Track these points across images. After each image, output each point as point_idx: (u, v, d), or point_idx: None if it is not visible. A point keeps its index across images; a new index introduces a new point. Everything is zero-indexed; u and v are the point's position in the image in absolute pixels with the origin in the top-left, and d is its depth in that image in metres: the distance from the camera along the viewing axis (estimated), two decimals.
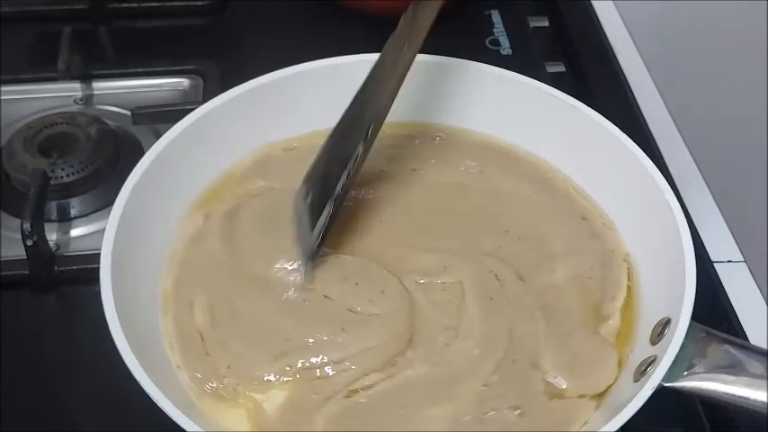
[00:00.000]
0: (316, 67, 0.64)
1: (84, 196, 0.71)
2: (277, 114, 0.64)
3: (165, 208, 0.59)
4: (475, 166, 0.64)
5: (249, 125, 0.63)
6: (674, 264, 0.54)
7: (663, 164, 0.74)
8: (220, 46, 0.87)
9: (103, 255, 0.54)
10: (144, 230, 0.57)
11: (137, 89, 0.82)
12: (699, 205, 0.75)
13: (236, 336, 0.55)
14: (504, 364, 0.54)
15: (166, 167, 0.59)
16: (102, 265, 0.53)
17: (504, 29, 0.88)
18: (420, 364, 0.54)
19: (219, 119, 0.62)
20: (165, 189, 0.59)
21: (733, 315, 0.66)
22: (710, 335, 0.51)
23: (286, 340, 0.54)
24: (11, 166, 0.72)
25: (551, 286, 0.58)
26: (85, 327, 0.65)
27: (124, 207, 0.56)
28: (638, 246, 0.59)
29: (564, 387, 0.53)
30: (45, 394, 0.61)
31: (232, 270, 0.58)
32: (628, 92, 0.84)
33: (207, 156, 0.62)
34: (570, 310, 0.56)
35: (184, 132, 0.60)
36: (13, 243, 0.67)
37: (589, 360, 0.54)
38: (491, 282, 0.57)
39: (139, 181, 0.57)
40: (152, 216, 0.58)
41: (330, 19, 0.89)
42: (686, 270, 0.53)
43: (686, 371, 0.49)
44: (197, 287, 0.57)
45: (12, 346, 0.63)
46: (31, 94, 0.81)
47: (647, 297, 0.57)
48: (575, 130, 0.63)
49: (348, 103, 0.57)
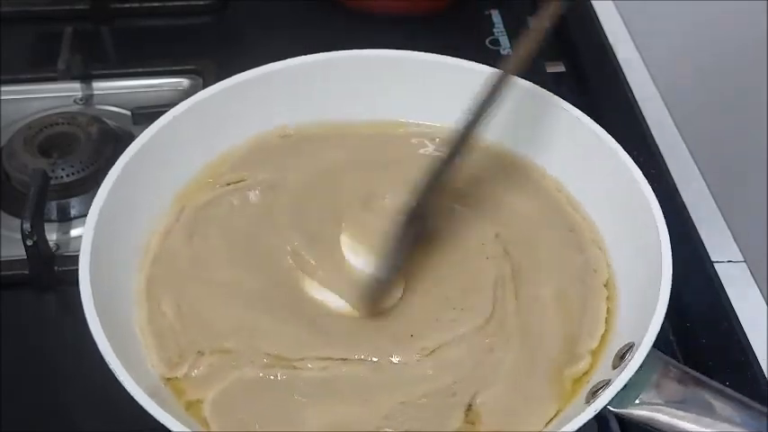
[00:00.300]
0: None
1: (84, 196, 0.71)
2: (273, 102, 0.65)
3: (157, 187, 0.61)
4: (470, 168, 0.63)
5: (244, 111, 0.64)
6: (649, 288, 0.53)
7: (663, 164, 0.74)
8: (220, 46, 0.87)
9: (84, 243, 0.54)
10: (128, 217, 0.59)
11: (137, 89, 0.82)
12: (699, 205, 0.75)
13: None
14: (440, 393, 0.53)
15: (156, 153, 0.60)
16: (81, 255, 0.54)
17: (504, 29, 0.88)
18: (358, 367, 0.54)
19: (214, 104, 0.63)
20: (152, 175, 0.60)
21: (733, 315, 0.66)
22: (671, 366, 0.50)
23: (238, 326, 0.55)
24: (11, 166, 0.72)
25: (536, 302, 0.57)
26: (85, 327, 0.65)
27: (115, 180, 0.58)
28: (622, 266, 0.59)
29: (480, 430, 0.52)
30: (45, 394, 0.61)
31: (192, 270, 0.59)
32: (628, 92, 0.84)
33: (203, 138, 0.63)
34: (545, 340, 0.55)
35: (180, 116, 0.62)
36: (13, 243, 0.67)
37: (528, 409, 0.53)
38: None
39: (132, 159, 0.59)
40: (142, 193, 0.60)
41: (331, 19, 0.89)
42: (659, 297, 0.52)
43: (638, 399, 0.49)
44: (164, 285, 0.58)
45: (12, 346, 0.63)
46: (31, 94, 0.81)
47: (620, 320, 0.56)
48: (577, 142, 0.62)
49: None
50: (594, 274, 0.59)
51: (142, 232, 0.60)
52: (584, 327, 0.56)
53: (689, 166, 0.80)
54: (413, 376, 0.54)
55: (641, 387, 0.49)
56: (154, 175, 0.61)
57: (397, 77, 0.66)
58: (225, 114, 0.64)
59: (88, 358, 0.63)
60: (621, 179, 0.59)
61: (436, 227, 0.60)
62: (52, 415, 0.61)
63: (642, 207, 0.57)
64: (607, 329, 0.56)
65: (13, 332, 0.64)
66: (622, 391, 0.48)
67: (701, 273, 0.68)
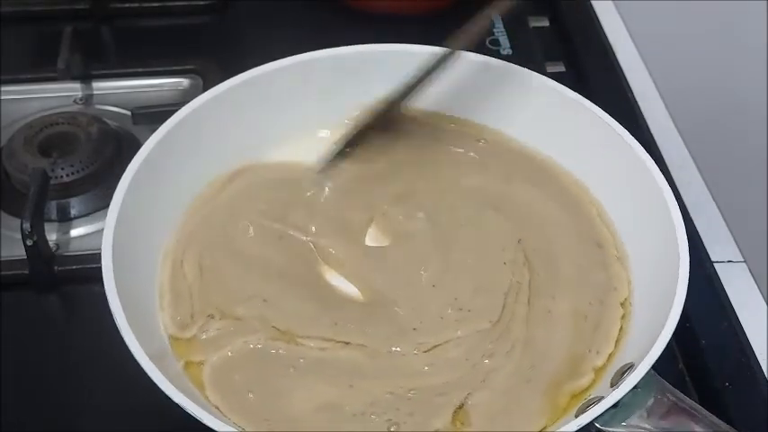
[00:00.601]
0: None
1: (84, 196, 0.71)
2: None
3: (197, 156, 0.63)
4: (505, 172, 0.65)
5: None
6: (661, 310, 0.53)
7: (663, 164, 0.74)
8: (220, 46, 0.87)
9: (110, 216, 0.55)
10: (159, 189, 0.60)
11: (137, 89, 0.82)
12: (699, 205, 0.75)
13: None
14: (429, 391, 0.53)
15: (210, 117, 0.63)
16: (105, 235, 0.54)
17: (504, 29, 0.88)
18: (357, 352, 0.55)
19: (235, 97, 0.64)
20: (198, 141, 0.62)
21: (733, 315, 0.66)
22: (667, 393, 0.50)
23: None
24: (11, 166, 0.72)
25: (548, 315, 0.57)
26: (85, 326, 0.65)
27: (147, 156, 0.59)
28: (641, 285, 0.58)
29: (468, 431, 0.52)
30: (45, 394, 0.61)
31: (221, 238, 0.60)
32: (628, 92, 0.84)
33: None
34: (550, 353, 0.55)
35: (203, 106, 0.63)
36: (13, 243, 0.67)
37: (518, 418, 0.53)
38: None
39: (180, 123, 0.61)
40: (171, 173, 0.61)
41: (332, 19, 0.89)
42: (667, 322, 0.51)
43: (626, 421, 0.48)
44: (191, 247, 0.60)
45: (12, 346, 0.63)
46: (31, 93, 0.81)
47: (631, 339, 0.56)
48: (614, 158, 0.62)
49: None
50: (614, 292, 0.58)
51: (181, 194, 0.62)
52: (593, 344, 0.56)
53: (689, 165, 0.80)
54: (407, 369, 0.54)
55: (633, 409, 0.49)
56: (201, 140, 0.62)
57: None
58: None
59: (88, 358, 0.63)
60: (653, 198, 0.58)
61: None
62: (52, 415, 0.61)
63: (669, 232, 0.56)
64: (616, 348, 0.56)
65: (13, 332, 0.64)
66: (612, 410, 0.48)
67: (701, 273, 0.68)
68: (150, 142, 0.60)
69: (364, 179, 0.64)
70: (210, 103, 0.63)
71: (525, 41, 0.88)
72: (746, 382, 0.62)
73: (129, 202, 0.57)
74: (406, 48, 0.66)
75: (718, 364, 0.63)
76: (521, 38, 0.88)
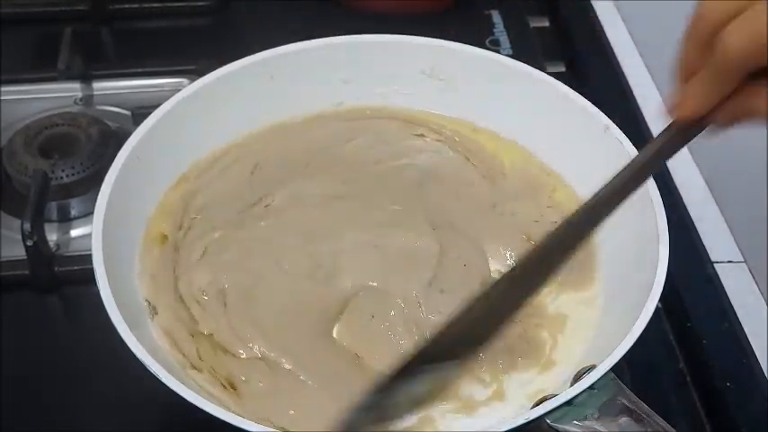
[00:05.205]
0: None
1: (84, 197, 0.71)
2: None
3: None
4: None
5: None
6: (632, 316, 0.52)
7: (663, 163, 0.74)
8: (220, 46, 0.87)
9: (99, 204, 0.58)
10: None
11: (137, 89, 0.82)
12: (699, 205, 0.75)
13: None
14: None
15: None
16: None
17: (504, 29, 0.89)
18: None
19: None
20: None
21: (733, 315, 0.66)
22: (622, 397, 0.49)
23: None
24: (11, 167, 0.72)
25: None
26: (86, 327, 0.65)
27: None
28: (612, 285, 0.59)
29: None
30: (45, 394, 0.62)
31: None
32: (628, 92, 0.84)
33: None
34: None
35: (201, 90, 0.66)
36: (14, 243, 0.67)
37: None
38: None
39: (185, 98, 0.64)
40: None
41: (331, 19, 0.89)
42: (634, 326, 0.51)
43: (579, 420, 0.49)
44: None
45: (12, 347, 0.63)
46: (31, 94, 0.81)
47: (599, 342, 0.56)
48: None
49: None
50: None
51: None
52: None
53: (689, 165, 0.80)
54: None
55: (586, 408, 0.49)
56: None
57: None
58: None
59: (89, 359, 0.63)
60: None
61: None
62: (53, 415, 0.61)
63: (653, 260, 0.55)
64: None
65: (13, 332, 0.64)
66: (566, 408, 0.48)
67: (701, 273, 0.68)
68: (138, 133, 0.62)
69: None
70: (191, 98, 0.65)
71: (525, 41, 0.88)
72: (746, 382, 0.62)
73: (117, 190, 0.59)
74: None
75: (718, 364, 0.63)
76: (521, 38, 0.88)
